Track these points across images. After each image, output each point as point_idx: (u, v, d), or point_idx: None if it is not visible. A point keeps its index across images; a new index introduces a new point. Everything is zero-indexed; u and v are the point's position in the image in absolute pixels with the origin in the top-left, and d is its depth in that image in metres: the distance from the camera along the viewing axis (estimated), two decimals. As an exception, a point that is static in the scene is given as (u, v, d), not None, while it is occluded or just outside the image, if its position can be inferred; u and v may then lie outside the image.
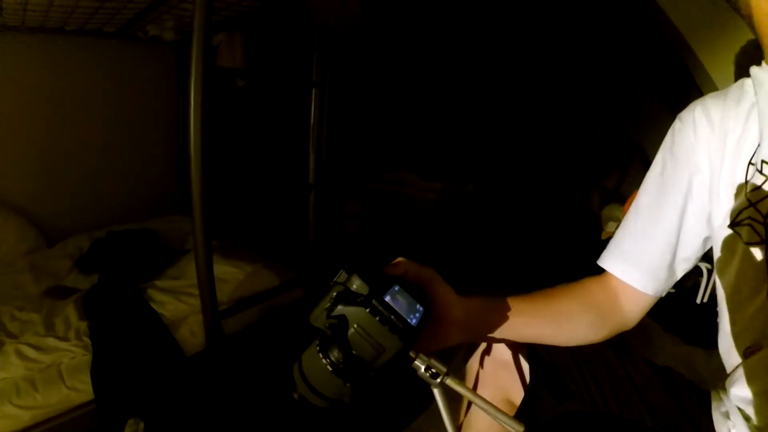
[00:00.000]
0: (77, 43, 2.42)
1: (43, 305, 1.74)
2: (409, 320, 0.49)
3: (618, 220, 2.15)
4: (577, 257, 2.18)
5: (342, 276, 0.51)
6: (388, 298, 0.49)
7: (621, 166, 2.49)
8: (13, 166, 2.33)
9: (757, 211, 0.55)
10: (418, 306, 0.53)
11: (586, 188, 2.60)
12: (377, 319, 0.46)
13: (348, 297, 0.48)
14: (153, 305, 1.70)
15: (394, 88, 3.08)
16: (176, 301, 1.74)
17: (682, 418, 0.68)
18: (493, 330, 0.67)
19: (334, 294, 0.49)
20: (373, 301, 0.47)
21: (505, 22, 2.58)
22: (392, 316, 0.47)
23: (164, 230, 2.42)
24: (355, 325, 0.47)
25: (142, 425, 1.37)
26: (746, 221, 0.56)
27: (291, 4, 1.72)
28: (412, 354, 0.50)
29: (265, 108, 2.88)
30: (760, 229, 0.55)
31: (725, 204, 0.60)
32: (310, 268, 2.14)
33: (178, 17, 2.26)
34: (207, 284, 1.50)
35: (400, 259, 0.61)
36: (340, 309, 0.48)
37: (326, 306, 0.49)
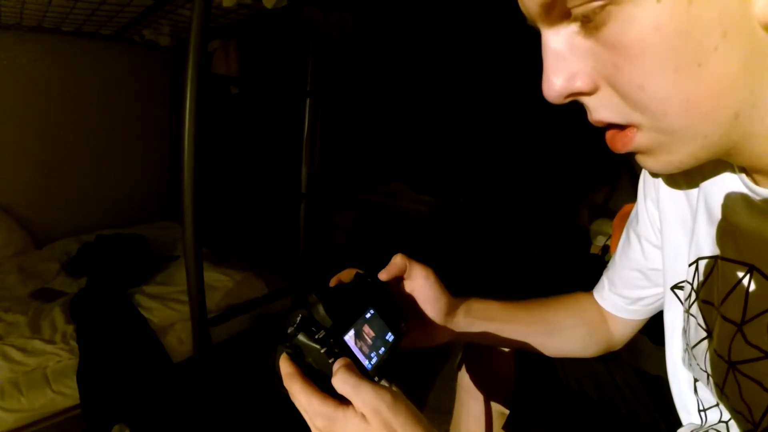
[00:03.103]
0: (72, 45, 2.41)
1: (29, 307, 1.72)
2: (370, 361, 0.49)
3: (606, 234, 2.18)
4: (566, 271, 2.20)
5: (312, 297, 0.50)
6: (351, 334, 0.49)
7: (610, 180, 2.53)
8: (2, 166, 2.30)
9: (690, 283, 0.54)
10: (387, 336, 0.53)
11: (576, 202, 2.64)
12: (330, 362, 0.46)
13: (309, 327, 0.48)
14: (141, 311, 1.69)
15: (386, 100, 3.11)
16: (164, 308, 1.73)
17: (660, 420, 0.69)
18: (483, 334, 0.68)
19: (298, 318, 0.49)
20: (331, 341, 0.47)
21: (496, 37, 2.62)
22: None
23: (154, 236, 2.40)
24: (311, 359, 0.48)
25: (127, 431, 1.36)
26: (683, 286, 0.57)
27: (287, 14, 1.73)
28: (376, 378, 0.50)
29: (259, 116, 2.89)
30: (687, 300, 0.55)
31: (669, 257, 0.59)
32: (299, 277, 2.14)
33: (174, 23, 2.27)
34: (196, 291, 1.49)
35: (398, 255, 0.62)
36: (299, 339, 0.48)
37: (290, 329, 0.49)
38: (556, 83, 0.38)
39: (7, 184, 2.33)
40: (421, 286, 0.62)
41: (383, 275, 0.60)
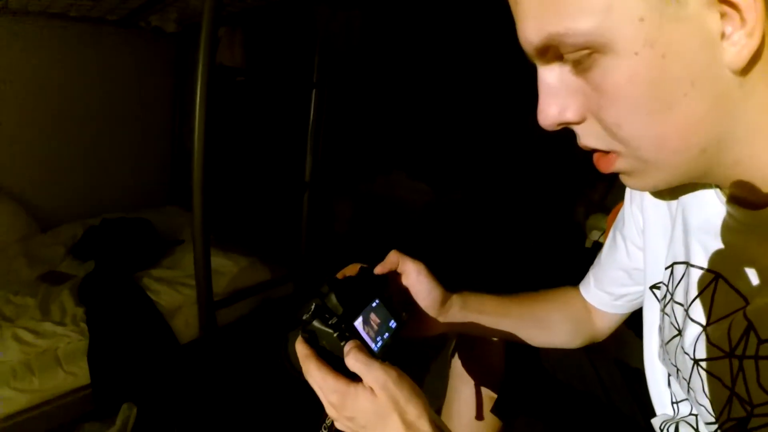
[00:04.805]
0: (77, 30, 2.42)
1: (38, 290, 1.76)
2: (376, 344, 0.55)
3: (601, 230, 2.22)
4: (561, 264, 2.24)
5: (324, 288, 0.56)
6: (360, 321, 0.55)
7: (607, 177, 2.55)
8: (7, 150, 2.32)
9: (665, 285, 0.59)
10: (391, 323, 0.59)
11: (573, 198, 2.67)
12: (342, 344, 0.52)
13: (323, 314, 0.54)
14: (149, 294, 1.74)
15: (388, 94, 3.11)
16: (172, 291, 1.78)
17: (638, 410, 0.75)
18: (477, 326, 0.73)
19: (313, 306, 0.55)
20: (342, 326, 0.53)
21: (497, 35, 2.63)
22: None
23: (158, 220, 2.43)
24: (324, 342, 0.53)
25: (135, 410, 1.41)
26: (659, 286, 0.61)
27: (294, 6, 1.74)
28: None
29: (262, 106, 2.90)
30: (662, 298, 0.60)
31: (649, 258, 0.64)
32: (301, 264, 2.19)
33: (181, 9, 2.28)
34: (204, 276, 1.54)
35: (393, 252, 0.68)
36: (314, 325, 0.54)
37: (305, 316, 0.55)
38: (549, 114, 0.43)
39: (12, 168, 2.36)
40: (414, 280, 0.67)
41: (378, 269, 0.67)
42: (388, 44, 2.79)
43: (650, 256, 0.63)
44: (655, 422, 0.65)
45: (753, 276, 0.43)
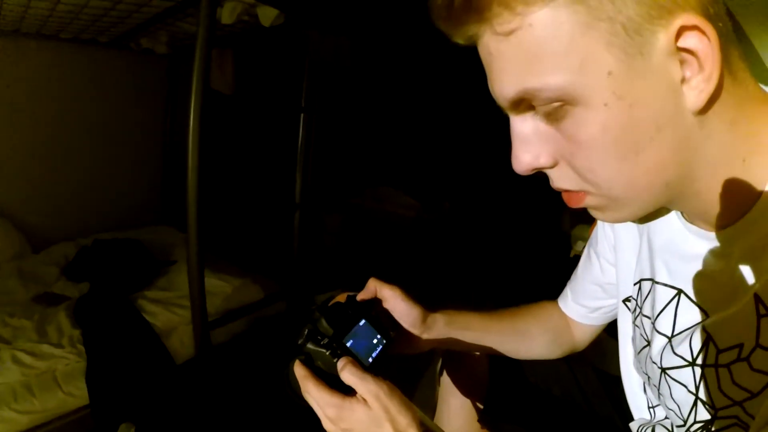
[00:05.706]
0: (69, 51, 2.45)
1: (34, 312, 1.78)
2: (367, 360, 0.60)
3: (585, 240, 2.26)
4: (546, 274, 2.28)
5: (316, 314, 0.61)
6: (350, 342, 0.60)
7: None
8: (-1, 169, 2.34)
9: (635, 300, 0.63)
10: (380, 340, 0.64)
11: (558, 208, 2.72)
12: (335, 361, 0.57)
13: (315, 336, 0.59)
14: (145, 315, 1.76)
15: (376, 108, 3.15)
16: (167, 312, 1.81)
17: (616, 415, 0.80)
18: (462, 342, 0.77)
19: (306, 331, 0.60)
20: (334, 344, 0.58)
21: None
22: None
23: (150, 240, 2.45)
24: (320, 362, 0.58)
25: (133, 430, 1.44)
26: (630, 300, 0.66)
27: (283, 31, 1.78)
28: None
29: (253, 127, 2.92)
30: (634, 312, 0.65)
31: (621, 274, 0.67)
32: (293, 283, 2.23)
33: (172, 32, 2.32)
34: (199, 297, 1.58)
35: (371, 279, 0.73)
36: (308, 347, 0.59)
37: (300, 340, 0.60)
38: (524, 161, 0.46)
39: (3, 188, 2.36)
40: (393, 304, 0.72)
41: (361, 296, 0.72)
42: (377, 65, 2.83)
43: (621, 272, 0.68)
44: (633, 426, 0.69)
45: (711, 292, 0.48)
